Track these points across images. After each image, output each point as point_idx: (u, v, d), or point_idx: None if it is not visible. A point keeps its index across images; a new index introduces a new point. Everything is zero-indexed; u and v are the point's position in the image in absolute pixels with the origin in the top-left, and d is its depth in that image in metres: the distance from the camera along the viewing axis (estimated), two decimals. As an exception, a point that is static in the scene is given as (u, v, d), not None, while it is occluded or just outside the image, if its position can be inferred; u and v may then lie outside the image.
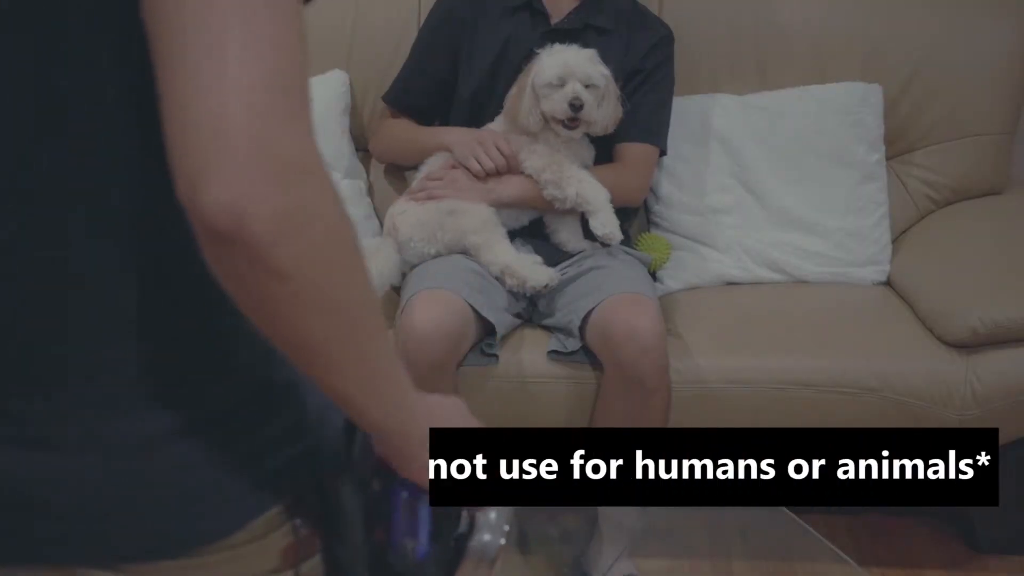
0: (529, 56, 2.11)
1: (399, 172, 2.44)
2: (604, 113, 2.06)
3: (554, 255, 2.13)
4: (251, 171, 0.61)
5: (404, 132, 2.28)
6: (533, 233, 2.16)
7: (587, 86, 2.02)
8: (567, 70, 2.02)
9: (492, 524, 0.85)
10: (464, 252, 2.06)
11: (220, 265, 0.64)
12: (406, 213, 2.10)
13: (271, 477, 0.77)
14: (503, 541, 0.84)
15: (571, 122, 2.03)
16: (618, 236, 2.08)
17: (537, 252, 2.12)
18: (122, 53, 0.68)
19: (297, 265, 0.63)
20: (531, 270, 2.01)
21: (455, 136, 2.15)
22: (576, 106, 2.01)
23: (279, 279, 0.63)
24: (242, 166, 0.61)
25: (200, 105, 0.61)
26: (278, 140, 0.62)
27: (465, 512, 0.85)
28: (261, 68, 0.62)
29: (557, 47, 2.06)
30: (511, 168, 2.08)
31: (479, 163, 2.07)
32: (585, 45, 2.09)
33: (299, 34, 0.64)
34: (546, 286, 2.00)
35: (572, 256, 2.14)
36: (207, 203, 0.61)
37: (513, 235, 2.12)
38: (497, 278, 2.01)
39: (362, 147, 2.46)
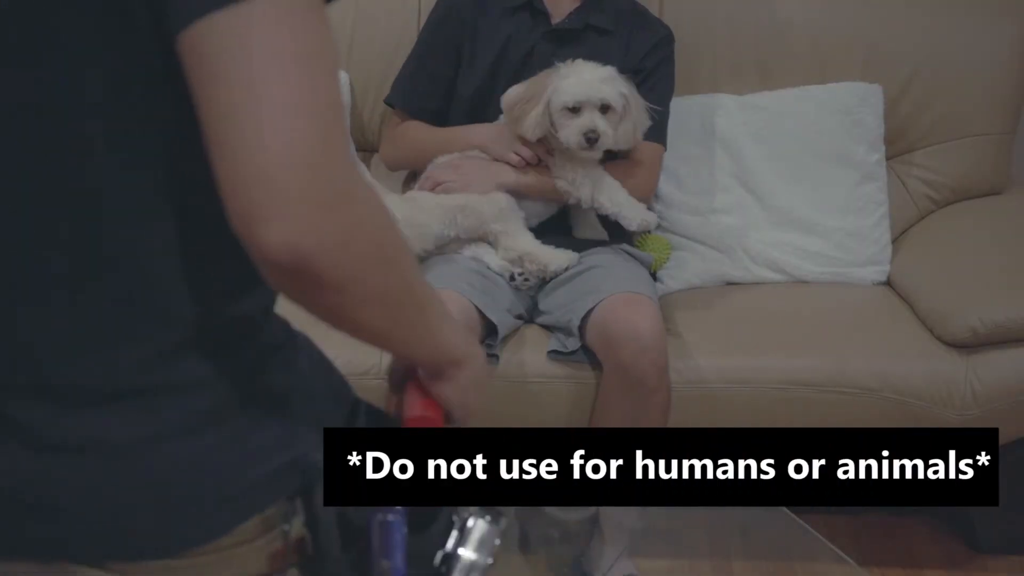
0: (531, 54, 2.11)
1: (400, 172, 2.43)
2: (622, 132, 2.04)
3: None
4: (303, 211, 0.66)
5: (423, 134, 2.22)
6: (540, 233, 2.16)
7: (605, 108, 2.00)
8: (583, 96, 1.98)
9: (482, 542, 0.83)
10: (481, 240, 2.06)
11: (283, 288, 0.70)
12: (421, 199, 2.09)
13: (261, 482, 0.78)
14: (491, 560, 0.83)
15: (584, 149, 2.03)
16: (653, 218, 2.12)
17: None
18: (144, 42, 0.69)
19: (353, 278, 0.70)
20: (551, 254, 2.04)
21: (484, 133, 2.14)
22: (592, 139, 2.00)
23: (337, 291, 0.70)
24: (294, 208, 0.66)
25: (248, 158, 0.66)
26: (323, 178, 0.67)
27: (455, 531, 0.84)
28: (301, 117, 0.66)
29: (579, 64, 2.02)
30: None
31: (519, 155, 2.08)
32: (585, 45, 2.08)
33: (330, 63, 0.69)
34: (567, 268, 2.03)
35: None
36: (265, 243, 0.67)
37: None
38: (497, 267, 2.03)
39: (362, 147, 2.45)
